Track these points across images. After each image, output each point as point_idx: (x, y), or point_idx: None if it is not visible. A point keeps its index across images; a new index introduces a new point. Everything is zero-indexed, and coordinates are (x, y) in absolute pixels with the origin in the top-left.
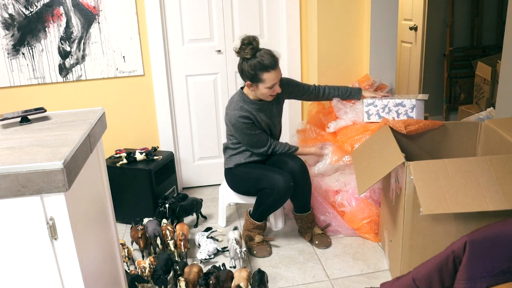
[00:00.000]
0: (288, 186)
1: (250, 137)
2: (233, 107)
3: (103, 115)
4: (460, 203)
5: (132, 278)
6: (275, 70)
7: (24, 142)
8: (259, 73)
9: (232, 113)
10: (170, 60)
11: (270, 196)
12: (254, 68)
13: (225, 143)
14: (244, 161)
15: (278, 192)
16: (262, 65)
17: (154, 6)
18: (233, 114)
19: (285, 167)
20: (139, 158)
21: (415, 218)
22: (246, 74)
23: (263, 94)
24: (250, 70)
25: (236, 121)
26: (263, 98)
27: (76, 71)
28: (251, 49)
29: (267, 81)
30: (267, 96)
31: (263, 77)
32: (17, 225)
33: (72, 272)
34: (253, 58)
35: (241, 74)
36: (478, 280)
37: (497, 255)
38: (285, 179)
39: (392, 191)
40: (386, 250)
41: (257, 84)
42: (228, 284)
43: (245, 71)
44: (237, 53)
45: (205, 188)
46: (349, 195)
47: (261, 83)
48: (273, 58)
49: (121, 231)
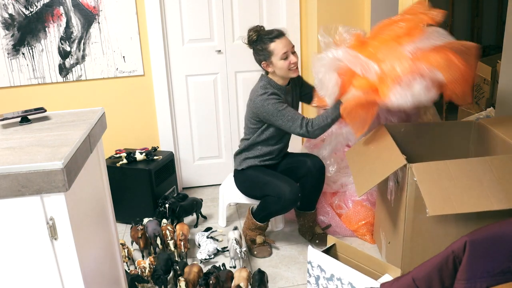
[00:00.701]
0: (294, 198)
1: (284, 113)
2: (260, 92)
3: (103, 115)
4: (466, 203)
5: (132, 278)
6: (281, 39)
7: (24, 142)
8: (267, 47)
9: (259, 97)
10: (170, 60)
11: (275, 204)
12: (261, 44)
13: (240, 146)
14: (258, 164)
15: (284, 202)
16: (267, 37)
17: (154, 6)
18: (261, 97)
19: (303, 166)
20: (139, 158)
21: (416, 219)
22: (258, 55)
23: (282, 68)
24: (259, 48)
25: (266, 102)
26: (285, 75)
27: (76, 71)
28: (255, 31)
29: (277, 50)
30: (288, 70)
31: (271, 47)
32: (17, 225)
33: (72, 272)
34: (258, 39)
35: (256, 59)
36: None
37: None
38: (292, 190)
39: (391, 192)
40: (383, 252)
41: (271, 60)
42: (228, 284)
43: (257, 53)
44: (248, 43)
45: (205, 188)
46: (346, 197)
47: (273, 56)
48: (277, 29)
49: (121, 231)
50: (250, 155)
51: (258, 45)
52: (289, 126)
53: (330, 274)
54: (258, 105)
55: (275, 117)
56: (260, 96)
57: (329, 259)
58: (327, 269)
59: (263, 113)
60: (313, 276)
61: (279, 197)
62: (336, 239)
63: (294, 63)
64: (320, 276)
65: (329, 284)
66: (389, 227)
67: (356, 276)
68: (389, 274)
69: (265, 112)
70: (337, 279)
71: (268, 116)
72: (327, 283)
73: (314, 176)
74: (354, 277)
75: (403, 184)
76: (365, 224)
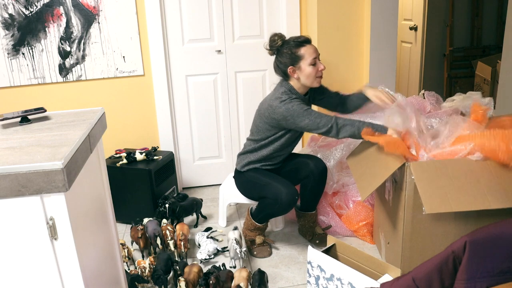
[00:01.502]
0: (291, 200)
1: (310, 112)
2: (283, 98)
3: (103, 115)
4: (463, 202)
5: (132, 278)
6: (311, 45)
7: (24, 142)
8: (296, 51)
9: (282, 103)
10: (170, 60)
11: (272, 206)
12: (290, 49)
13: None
14: (259, 167)
15: (281, 204)
16: (297, 42)
17: (154, 6)
18: (285, 102)
19: (306, 168)
20: (139, 158)
21: (415, 218)
22: (284, 60)
23: (309, 75)
24: (287, 52)
25: (290, 104)
26: (309, 84)
27: (76, 71)
28: (279, 37)
29: (307, 55)
30: (314, 77)
31: (301, 52)
32: (17, 225)
33: (72, 272)
34: (284, 44)
35: (279, 65)
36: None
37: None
38: (289, 193)
39: (389, 192)
40: (382, 252)
41: (299, 64)
42: (228, 284)
43: (283, 57)
44: (270, 49)
45: (205, 188)
46: (347, 197)
47: (302, 60)
48: (304, 36)
49: (121, 231)
50: (254, 158)
51: (285, 48)
52: (317, 123)
53: (330, 274)
54: (281, 110)
55: (302, 116)
56: (283, 101)
57: (329, 259)
58: (327, 269)
59: (287, 116)
60: (313, 276)
61: (276, 199)
62: (336, 239)
63: (322, 70)
64: (320, 276)
65: (329, 284)
66: (388, 227)
67: (356, 276)
68: (389, 274)
69: (289, 116)
70: (337, 279)
71: (293, 118)
72: (327, 283)
73: (316, 178)
74: (354, 277)
75: (401, 183)
76: (366, 224)
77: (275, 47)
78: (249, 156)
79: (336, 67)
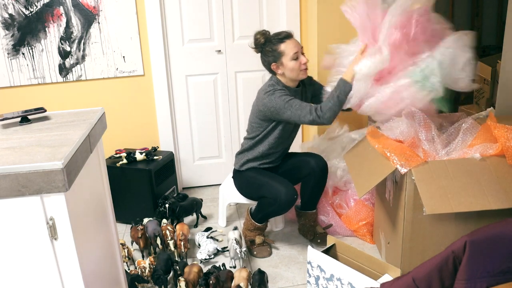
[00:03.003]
0: (289, 200)
1: (291, 103)
2: (267, 90)
3: (103, 115)
4: (463, 202)
5: (132, 278)
6: (291, 40)
7: (24, 142)
8: (277, 48)
9: (266, 94)
10: (170, 60)
11: (271, 206)
12: (271, 45)
13: (242, 146)
14: (257, 166)
15: (280, 204)
16: (277, 38)
17: (154, 6)
18: (268, 93)
19: (307, 166)
20: (139, 158)
21: (415, 219)
22: (267, 56)
23: (292, 69)
24: (269, 49)
25: (272, 96)
26: (295, 77)
27: (76, 71)
28: (262, 34)
29: (287, 51)
30: (298, 71)
31: (281, 48)
32: (17, 225)
33: (72, 272)
34: (266, 41)
35: (264, 63)
36: (478, 280)
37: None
38: (288, 192)
39: (389, 192)
40: (382, 252)
41: (281, 60)
42: (228, 284)
43: (266, 54)
44: (255, 47)
45: (205, 188)
46: (348, 196)
47: (283, 56)
48: (285, 31)
49: (121, 231)
50: (251, 156)
51: (267, 46)
52: (298, 115)
53: (330, 274)
54: (265, 101)
55: (283, 109)
56: (267, 93)
57: (329, 259)
58: (327, 269)
59: (271, 108)
60: (313, 276)
61: (275, 199)
62: (336, 239)
63: (305, 63)
64: (320, 276)
65: (329, 284)
66: (388, 227)
67: (356, 276)
68: (389, 274)
69: (272, 107)
70: (337, 279)
71: (276, 110)
72: (327, 283)
73: (317, 176)
74: (354, 277)
75: (401, 184)
76: (366, 224)
77: (259, 46)
78: (246, 155)
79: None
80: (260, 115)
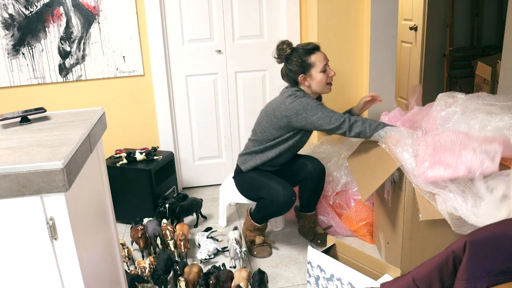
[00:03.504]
0: (288, 200)
1: (323, 106)
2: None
3: (103, 115)
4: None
5: (132, 278)
6: (320, 52)
7: (24, 142)
8: (306, 59)
9: (292, 100)
10: (170, 60)
11: (270, 207)
12: (300, 57)
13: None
14: (260, 168)
15: (278, 204)
16: (307, 49)
17: (154, 6)
18: (295, 98)
19: (304, 169)
20: (139, 158)
21: (415, 219)
22: (295, 68)
23: (320, 82)
24: (297, 60)
25: (302, 99)
26: (320, 91)
27: (76, 71)
28: (287, 44)
29: (317, 63)
30: (325, 84)
31: (311, 59)
32: (17, 225)
33: (72, 272)
34: (293, 52)
35: (289, 73)
36: (478, 280)
37: (497, 255)
38: (286, 194)
39: (388, 192)
40: (382, 252)
41: (310, 72)
42: (228, 284)
43: (293, 65)
44: (278, 57)
45: (205, 188)
46: (348, 196)
47: (313, 68)
48: (312, 43)
49: (121, 231)
50: (259, 161)
51: (294, 57)
52: (330, 117)
53: (330, 274)
54: (294, 103)
55: (315, 109)
56: (295, 96)
57: (329, 259)
58: (327, 269)
59: (300, 110)
60: (313, 276)
61: (273, 200)
62: (336, 239)
63: (331, 77)
64: (320, 276)
65: (329, 284)
66: (387, 228)
67: (356, 276)
68: (389, 274)
69: (302, 109)
70: (337, 279)
71: (305, 111)
72: (327, 283)
73: (314, 180)
74: (354, 277)
75: (400, 184)
76: (366, 224)
77: (283, 55)
78: (254, 158)
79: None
80: (283, 121)
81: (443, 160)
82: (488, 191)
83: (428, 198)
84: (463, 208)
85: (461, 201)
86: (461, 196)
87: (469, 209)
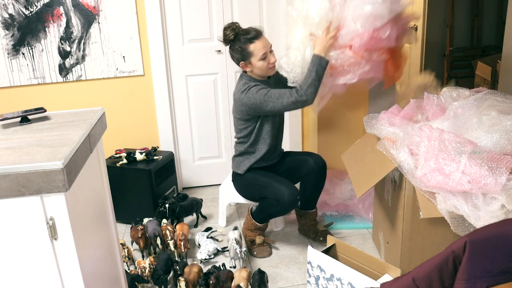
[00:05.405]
0: (293, 200)
1: (270, 95)
2: (242, 89)
3: (103, 115)
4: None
5: (132, 278)
6: (260, 40)
7: (24, 142)
8: (246, 47)
9: (243, 93)
10: (170, 60)
11: (274, 207)
12: (239, 45)
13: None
14: (255, 166)
15: (283, 204)
16: (246, 38)
17: (154, 6)
18: (245, 92)
19: (305, 165)
20: (139, 158)
21: (415, 218)
22: (236, 55)
23: (261, 68)
24: (237, 48)
25: (250, 93)
26: (263, 74)
27: (76, 71)
28: (231, 30)
29: (256, 52)
30: (267, 69)
31: (250, 49)
32: (17, 225)
33: (72, 272)
34: (236, 38)
35: (233, 58)
36: (478, 280)
37: (497, 255)
38: (291, 193)
39: (388, 192)
40: (382, 252)
41: (250, 60)
42: (228, 284)
43: (235, 52)
44: (224, 42)
45: (205, 188)
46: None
47: (252, 57)
48: (254, 29)
49: (121, 231)
50: (253, 159)
51: (236, 44)
52: (281, 103)
53: (330, 274)
54: (244, 100)
55: (265, 102)
56: (243, 92)
57: (329, 259)
58: (327, 269)
59: (252, 105)
60: (313, 276)
61: (278, 199)
62: (336, 239)
63: (273, 63)
64: (320, 276)
65: (329, 284)
66: (387, 227)
67: (356, 276)
68: (389, 274)
69: (253, 104)
70: (337, 279)
71: (257, 105)
72: (327, 283)
73: (316, 175)
74: (354, 277)
75: (400, 183)
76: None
77: (227, 40)
78: (247, 158)
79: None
80: (244, 115)
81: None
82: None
83: (428, 197)
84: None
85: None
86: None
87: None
